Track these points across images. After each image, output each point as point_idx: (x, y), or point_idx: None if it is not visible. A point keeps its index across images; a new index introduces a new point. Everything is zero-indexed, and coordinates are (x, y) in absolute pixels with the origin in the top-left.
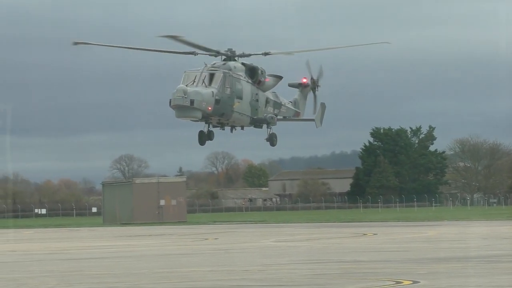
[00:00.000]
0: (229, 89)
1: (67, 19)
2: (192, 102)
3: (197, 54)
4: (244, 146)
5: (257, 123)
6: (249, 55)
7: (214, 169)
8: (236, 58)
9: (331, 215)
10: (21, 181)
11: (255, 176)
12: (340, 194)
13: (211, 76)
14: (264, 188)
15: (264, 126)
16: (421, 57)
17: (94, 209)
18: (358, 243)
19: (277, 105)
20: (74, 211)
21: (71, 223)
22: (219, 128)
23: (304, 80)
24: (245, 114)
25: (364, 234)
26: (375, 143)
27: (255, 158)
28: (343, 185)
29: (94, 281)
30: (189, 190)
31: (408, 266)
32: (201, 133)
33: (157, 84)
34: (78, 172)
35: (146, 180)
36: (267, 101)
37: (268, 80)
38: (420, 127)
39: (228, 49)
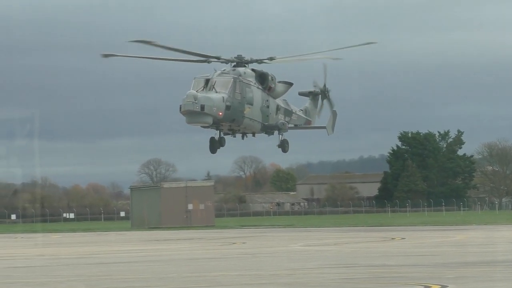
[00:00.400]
0: (239, 94)
1: (98, 25)
2: (202, 107)
3: (211, 61)
4: (272, 150)
5: (268, 129)
6: (258, 60)
7: (242, 173)
8: (245, 64)
9: (359, 220)
10: (49, 185)
11: (283, 180)
12: (368, 198)
13: (221, 81)
14: (291, 192)
15: (276, 132)
16: (450, 61)
17: (122, 214)
18: (386, 247)
19: (288, 112)
20: (102, 216)
21: (99, 228)
22: (230, 135)
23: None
24: (256, 120)
25: (392, 238)
26: (403, 147)
27: (282, 162)
28: (371, 189)
29: (122, 285)
30: (217, 194)
31: (437, 270)
32: (212, 140)
33: (183, 90)
34: (107, 177)
35: (174, 185)
36: (278, 108)
37: (279, 86)
38: (448, 131)
39: (238, 55)
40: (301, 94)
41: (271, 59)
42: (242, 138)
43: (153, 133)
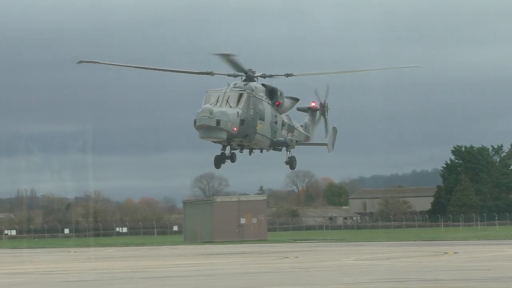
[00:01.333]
0: (252, 110)
1: (150, 40)
2: (218, 122)
3: (214, 74)
4: (325, 164)
5: (276, 145)
6: (271, 75)
7: (294, 187)
8: (255, 79)
9: (411, 234)
10: (102, 199)
11: (336, 194)
12: (421, 212)
13: (235, 96)
14: (344, 207)
15: (283, 149)
16: (504, 75)
17: (175, 228)
18: (439, 261)
19: (291, 128)
20: (155, 230)
21: (152, 242)
22: (238, 150)
23: (313, 104)
24: (266, 136)
25: (445, 253)
26: (457, 161)
27: (335, 176)
28: (424, 204)
29: None
30: (270, 209)
31: (489, 285)
32: (218, 157)
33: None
34: (160, 191)
35: (226, 199)
36: (283, 123)
37: (286, 102)
38: (501, 146)
39: (249, 69)
40: (300, 109)
41: (288, 75)
42: (250, 153)
43: (206, 147)
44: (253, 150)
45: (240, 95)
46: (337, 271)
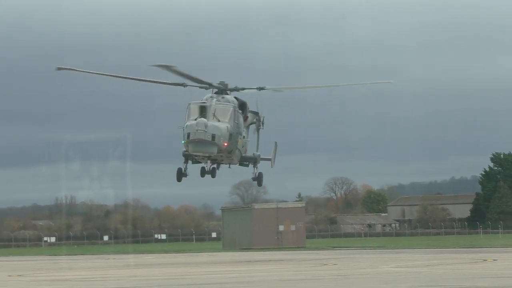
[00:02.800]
0: (236, 124)
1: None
2: (213, 137)
3: (187, 85)
4: (363, 171)
5: (245, 161)
6: (243, 88)
7: (333, 194)
8: (228, 92)
9: (450, 241)
10: (141, 206)
11: (374, 201)
12: (460, 219)
13: (221, 109)
14: (383, 214)
15: (251, 165)
16: None
17: (213, 234)
18: (478, 269)
19: (246, 143)
20: (194, 236)
21: (191, 248)
22: (200, 163)
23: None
24: (240, 151)
25: (484, 260)
26: (495, 168)
27: (374, 183)
28: (463, 211)
29: None
30: (308, 216)
31: None
32: (180, 170)
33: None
34: (198, 198)
35: (265, 206)
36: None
37: (250, 116)
38: None
39: (220, 82)
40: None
41: (260, 89)
42: (217, 168)
43: None
44: (219, 166)
45: (227, 109)
46: (375, 278)
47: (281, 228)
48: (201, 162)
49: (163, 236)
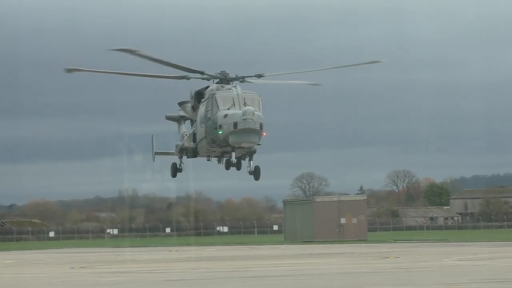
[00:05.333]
0: None
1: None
2: (261, 126)
3: (190, 78)
4: (425, 164)
5: (247, 153)
6: (243, 77)
7: (395, 187)
8: (230, 82)
9: None
10: (203, 199)
11: (436, 194)
12: None
13: (250, 98)
14: (445, 207)
15: (241, 158)
16: None
17: (275, 227)
18: None
19: None
20: (256, 229)
21: (253, 241)
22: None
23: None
24: None
25: None
26: None
27: (436, 176)
28: None
29: None
30: (370, 209)
31: None
32: (175, 165)
33: (340, 105)
34: (260, 190)
35: (327, 199)
36: None
37: None
38: None
39: (221, 71)
40: (169, 118)
41: (259, 76)
42: (219, 162)
43: (307, 147)
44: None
45: (255, 98)
46: (437, 272)
47: (343, 221)
48: (197, 157)
49: (225, 229)
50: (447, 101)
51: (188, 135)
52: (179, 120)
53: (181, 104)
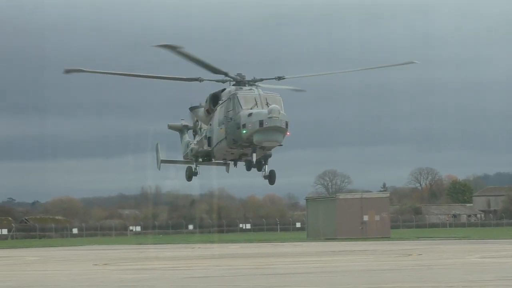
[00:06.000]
0: None
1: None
2: (287, 124)
3: (202, 80)
4: (448, 162)
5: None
6: (261, 79)
7: (417, 184)
8: (245, 84)
9: None
10: (226, 196)
11: (459, 191)
12: None
13: (272, 99)
14: (468, 204)
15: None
16: None
17: (298, 224)
18: None
19: None
20: (278, 226)
21: (276, 238)
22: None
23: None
24: None
25: None
26: None
27: (459, 173)
28: None
29: None
30: (393, 206)
31: None
32: (190, 168)
33: (358, 104)
34: (283, 188)
35: (349, 196)
36: None
37: None
38: None
39: (238, 73)
40: (171, 128)
41: (279, 78)
42: (235, 165)
43: (330, 144)
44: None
45: (277, 98)
46: (460, 269)
47: (366, 218)
48: (211, 160)
49: (248, 226)
50: (470, 99)
51: (198, 140)
52: (182, 129)
53: (192, 109)
